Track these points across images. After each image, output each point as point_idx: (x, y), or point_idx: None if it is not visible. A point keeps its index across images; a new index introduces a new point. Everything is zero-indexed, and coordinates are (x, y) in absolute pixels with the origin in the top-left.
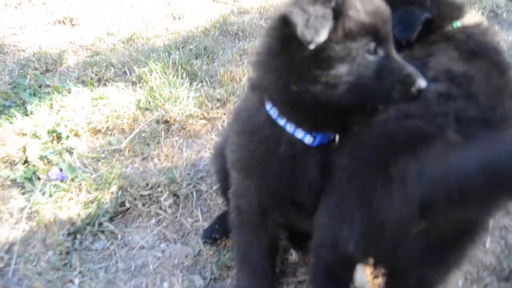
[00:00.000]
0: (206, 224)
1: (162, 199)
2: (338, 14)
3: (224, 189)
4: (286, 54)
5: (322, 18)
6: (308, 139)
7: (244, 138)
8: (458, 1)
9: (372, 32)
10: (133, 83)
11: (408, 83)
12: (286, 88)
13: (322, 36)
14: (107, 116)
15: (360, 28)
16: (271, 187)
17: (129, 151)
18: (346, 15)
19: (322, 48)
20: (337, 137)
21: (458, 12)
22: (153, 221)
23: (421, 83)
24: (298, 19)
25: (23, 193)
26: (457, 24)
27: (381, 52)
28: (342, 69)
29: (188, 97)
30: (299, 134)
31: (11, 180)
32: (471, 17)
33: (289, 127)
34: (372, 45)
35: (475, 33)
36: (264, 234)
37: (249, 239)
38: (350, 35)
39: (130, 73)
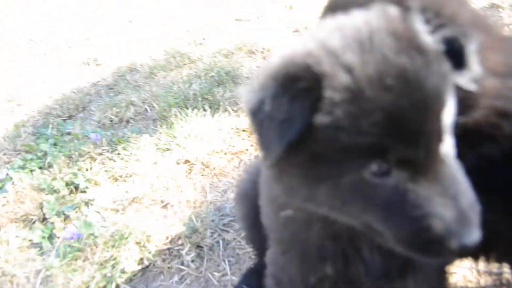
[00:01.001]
0: (235, 278)
1: (183, 252)
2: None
3: (252, 238)
4: None
5: (284, 123)
6: None
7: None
8: None
9: (377, 149)
10: (154, 121)
11: (436, 240)
12: None
13: (276, 152)
14: (126, 161)
15: (350, 145)
16: (316, 266)
17: (148, 199)
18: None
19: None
20: None
21: None
22: (176, 278)
23: (467, 239)
24: (254, 118)
25: (41, 254)
26: None
27: (395, 177)
28: (320, 190)
29: (210, 131)
30: None
31: (29, 241)
32: None
33: None
34: (376, 167)
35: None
36: None
37: None
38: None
39: (151, 110)
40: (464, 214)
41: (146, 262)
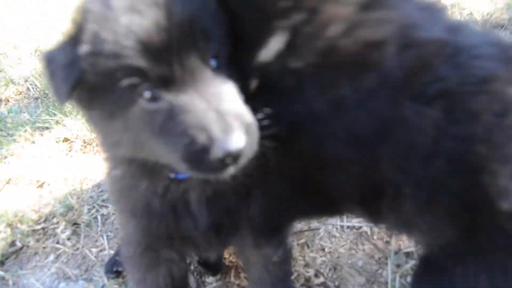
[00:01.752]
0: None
1: (58, 231)
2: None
3: None
4: None
5: (68, 65)
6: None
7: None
8: None
9: (137, 71)
10: (35, 99)
11: (203, 150)
12: None
13: (65, 92)
14: (1, 142)
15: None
16: (147, 224)
17: (24, 179)
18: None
19: None
20: None
21: None
22: (51, 257)
23: (229, 145)
24: (47, 70)
25: None
26: None
27: (166, 99)
28: (115, 129)
29: None
30: None
31: None
32: None
33: None
34: (144, 91)
35: None
36: (159, 272)
37: (142, 277)
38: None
39: (33, 89)
40: (226, 122)
41: (19, 244)
